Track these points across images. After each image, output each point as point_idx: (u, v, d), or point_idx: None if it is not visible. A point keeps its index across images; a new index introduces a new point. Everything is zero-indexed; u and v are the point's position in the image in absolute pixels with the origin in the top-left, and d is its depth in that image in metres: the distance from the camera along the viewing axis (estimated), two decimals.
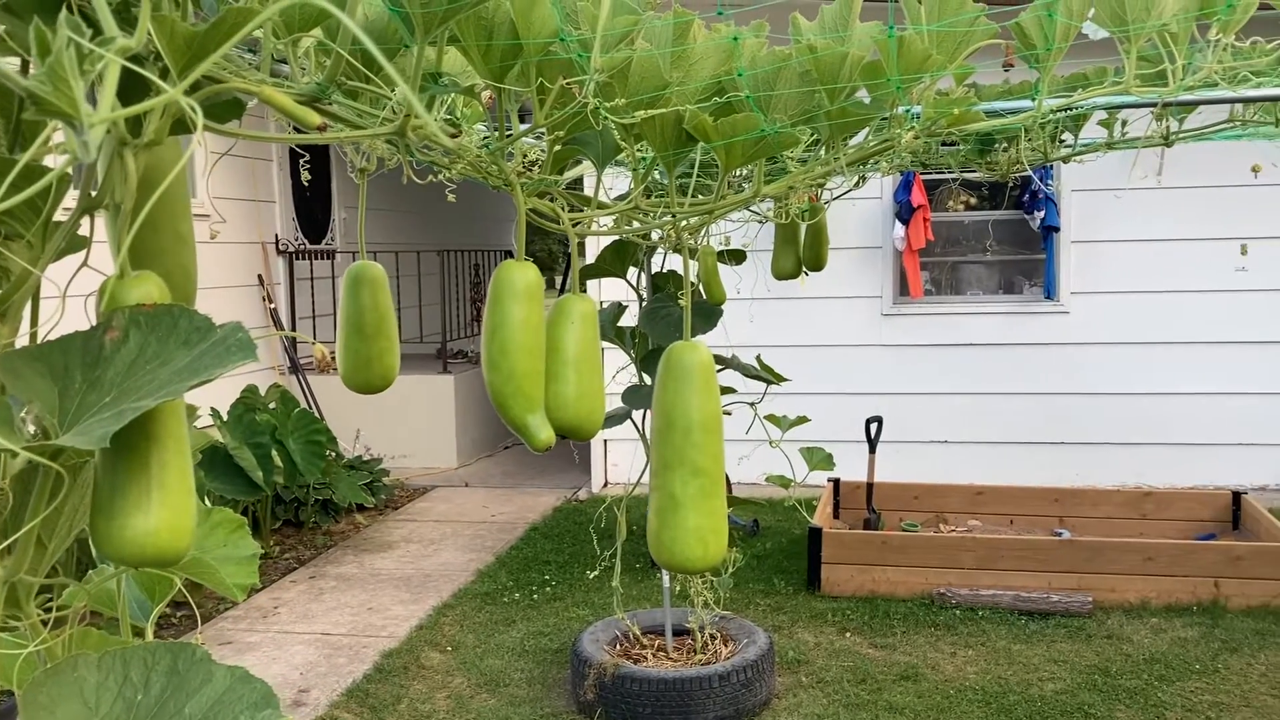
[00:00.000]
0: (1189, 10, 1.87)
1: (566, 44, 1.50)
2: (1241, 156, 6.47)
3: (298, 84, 1.42)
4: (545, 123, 1.53)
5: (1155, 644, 4.80)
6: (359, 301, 1.94)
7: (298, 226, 9.01)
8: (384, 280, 1.97)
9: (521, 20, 1.47)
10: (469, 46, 1.56)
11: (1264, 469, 7.45)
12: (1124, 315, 7.49)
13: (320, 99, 1.43)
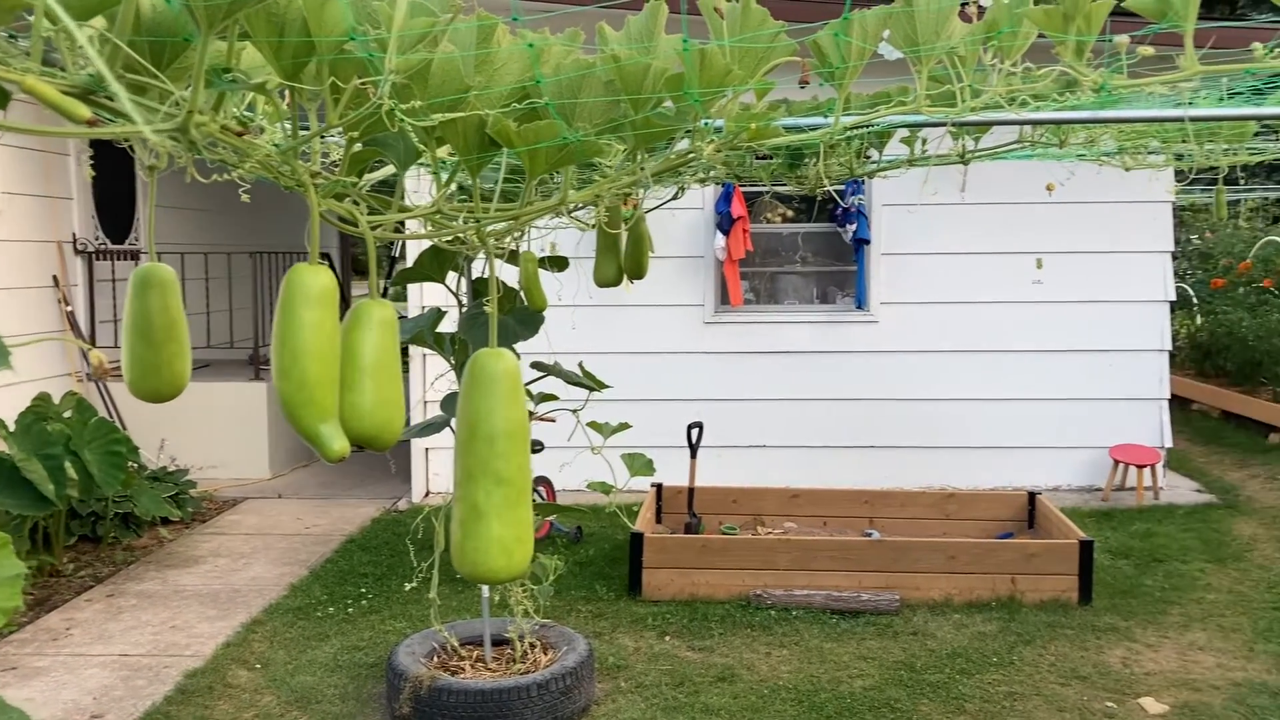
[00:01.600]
0: (975, 35, 1.96)
1: (361, 43, 1.46)
2: (1037, 175, 6.89)
3: (71, 75, 1.34)
4: (340, 123, 1.49)
5: (957, 639, 5.03)
6: (147, 306, 1.83)
7: (98, 225, 8.52)
8: (174, 283, 1.87)
9: (313, 18, 1.43)
10: (260, 42, 1.50)
11: (1058, 470, 7.92)
12: (930, 325, 7.84)
13: (94, 91, 1.35)
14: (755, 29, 1.82)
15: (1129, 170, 4.08)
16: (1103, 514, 7.17)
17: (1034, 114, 2.12)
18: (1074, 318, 7.80)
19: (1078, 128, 3.54)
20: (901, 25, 1.91)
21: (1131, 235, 7.77)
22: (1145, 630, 5.15)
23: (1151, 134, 3.81)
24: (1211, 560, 6.21)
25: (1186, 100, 3.32)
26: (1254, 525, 6.92)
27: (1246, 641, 5.00)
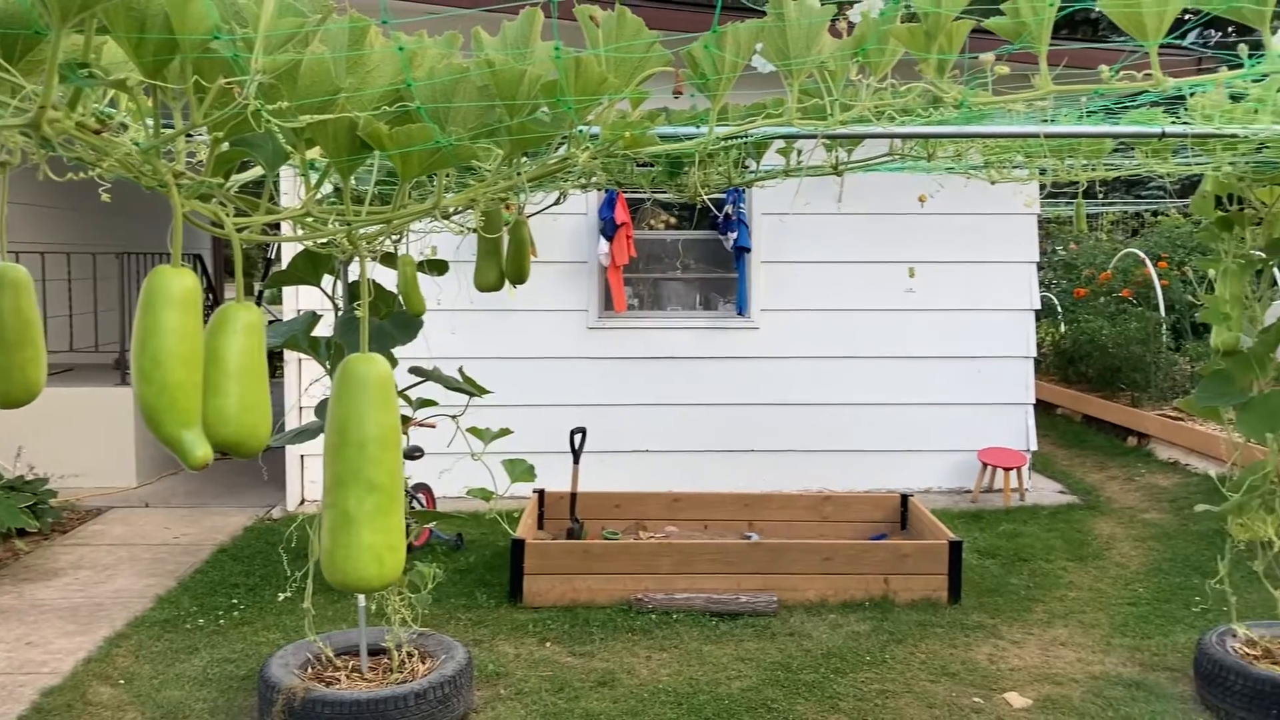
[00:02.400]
0: (844, 51, 2.02)
1: (226, 42, 1.42)
2: (911, 187, 7.11)
3: None
4: (204, 122, 1.45)
5: (832, 639, 5.14)
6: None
7: None
8: (28, 284, 1.80)
9: (176, 14, 1.39)
10: (120, 38, 1.45)
11: (930, 473, 8.16)
12: (808, 331, 8.00)
13: None
14: (630, 39, 1.84)
15: (995, 184, 4.24)
16: (972, 515, 7.41)
17: (900, 128, 2.19)
18: (945, 325, 8.05)
19: (945, 142, 3.67)
20: (774, 39, 1.96)
21: (999, 246, 8.06)
22: (1011, 627, 5.34)
23: (1015, 149, 3.97)
24: (1073, 559, 6.48)
25: (1048, 118, 3.46)
26: (1112, 525, 7.24)
27: (1104, 636, 5.22)
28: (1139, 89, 1.75)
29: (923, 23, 1.78)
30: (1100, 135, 2.97)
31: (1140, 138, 3.02)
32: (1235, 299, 4.42)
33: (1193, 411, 4.50)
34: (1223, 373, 4.31)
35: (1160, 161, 4.05)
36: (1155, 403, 9.73)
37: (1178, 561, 6.36)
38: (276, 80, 1.54)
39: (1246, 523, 4.40)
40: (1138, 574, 6.18)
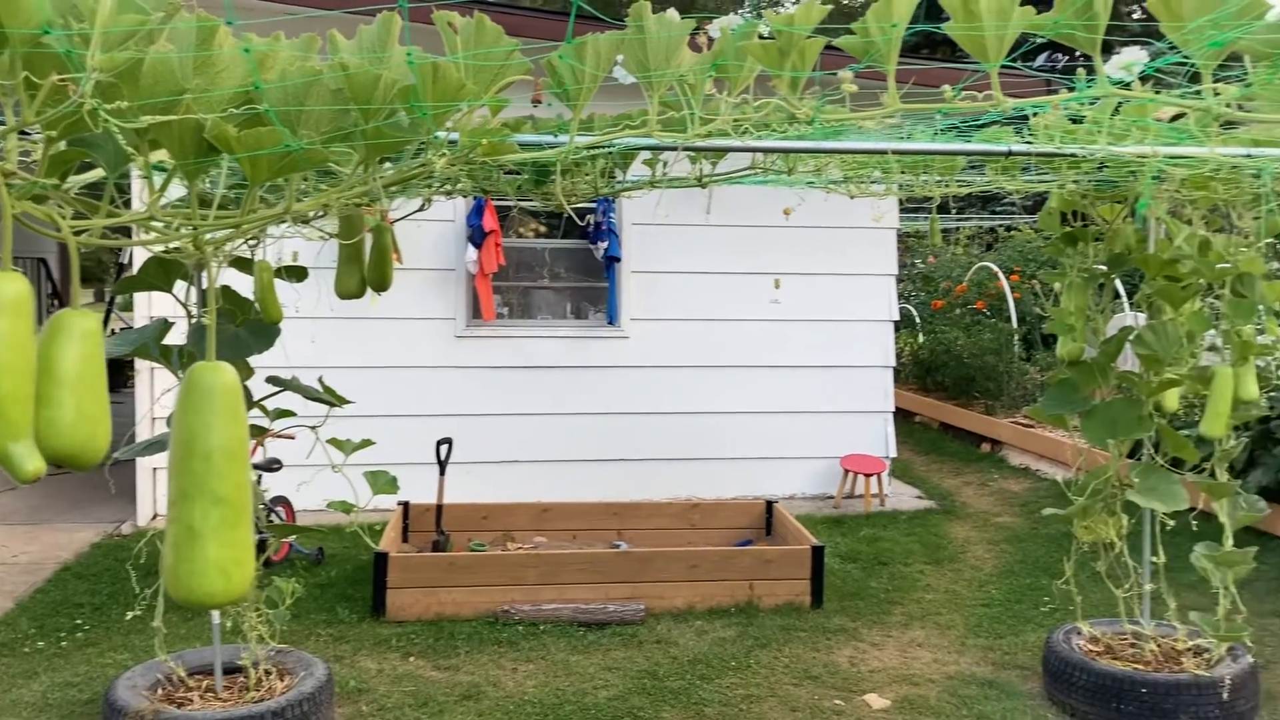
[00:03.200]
0: (703, 64, 2.05)
1: (60, 37, 1.36)
2: (777, 200, 7.24)
3: None
4: (35, 120, 1.39)
5: (698, 645, 5.19)
6: None
7: None
8: None
9: (5, 7, 1.32)
10: None
11: (794, 479, 8.32)
12: (677, 341, 8.08)
13: None
14: (489, 46, 1.83)
15: (854, 198, 4.36)
16: (834, 520, 7.59)
17: (757, 142, 2.24)
18: (809, 335, 8.24)
19: (806, 157, 3.75)
20: (634, 51, 1.97)
21: (860, 259, 8.29)
22: (871, 630, 5.47)
23: (873, 165, 4.08)
24: (930, 562, 6.69)
25: (903, 135, 3.57)
26: (967, 528, 7.50)
27: (959, 637, 5.40)
28: (981, 109, 1.83)
29: (775, 40, 1.82)
30: (948, 153, 3.08)
31: (988, 155, 3.14)
32: (1079, 311, 4.63)
33: (1040, 419, 4.69)
34: (1068, 381, 4.51)
35: (1009, 179, 4.23)
36: (1007, 411, 10.14)
37: (1028, 563, 6.62)
38: (117, 79, 1.48)
39: (1090, 525, 4.60)
40: (991, 576, 6.41)
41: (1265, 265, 4.55)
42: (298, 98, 1.67)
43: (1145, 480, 4.26)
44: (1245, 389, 4.23)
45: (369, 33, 1.85)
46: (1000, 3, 1.66)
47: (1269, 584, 5.84)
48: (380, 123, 1.75)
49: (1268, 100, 1.99)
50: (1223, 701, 4.18)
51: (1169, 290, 4.27)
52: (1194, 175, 3.93)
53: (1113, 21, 1.79)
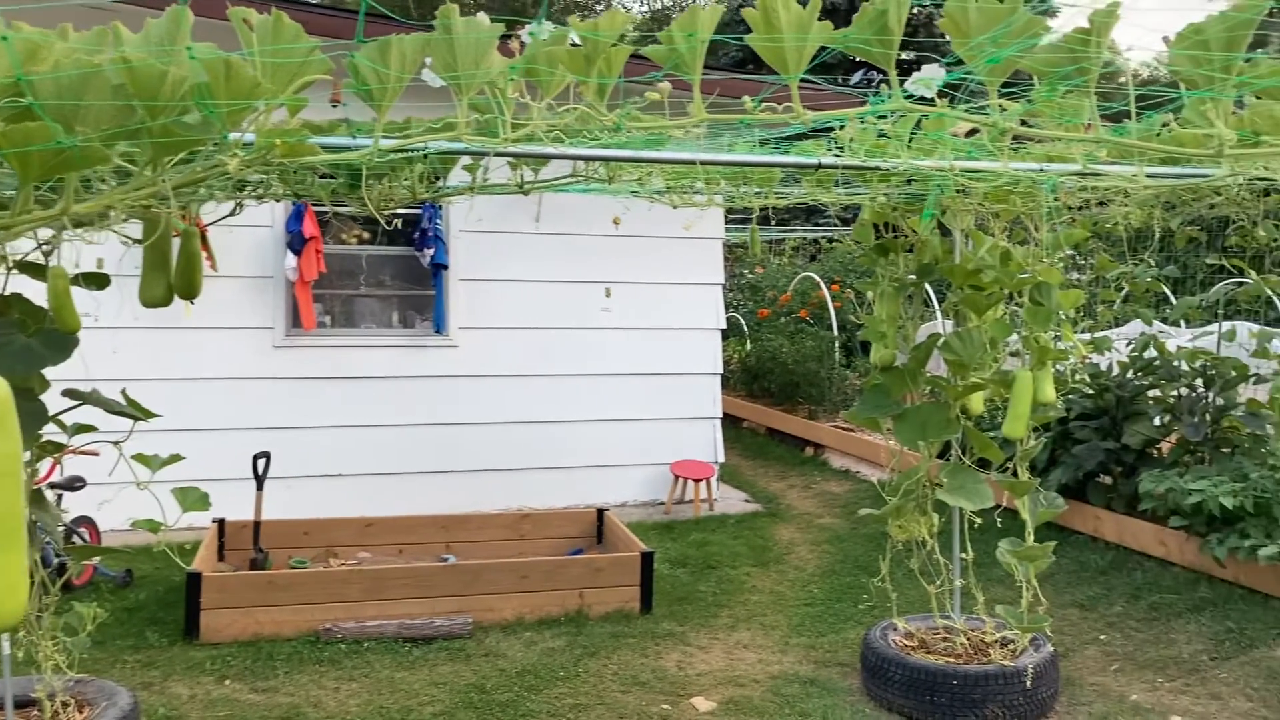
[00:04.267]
0: (514, 68, 2.02)
1: None
2: (608, 209, 7.28)
3: None
4: None
5: (527, 657, 5.14)
6: None
7: None
8: None
9: None
10: None
11: (626, 487, 8.37)
12: (508, 350, 8.02)
13: None
14: (288, 44, 1.76)
15: (677, 208, 4.41)
16: (665, 526, 7.66)
17: (567, 148, 2.23)
18: (639, 343, 8.31)
19: (629, 166, 3.77)
20: (441, 53, 1.93)
21: (688, 268, 8.41)
22: (699, 633, 5.54)
23: (694, 175, 4.14)
24: (757, 564, 6.82)
25: (723, 145, 3.63)
26: (792, 530, 7.69)
27: (783, 636, 5.52)
28: (781, 120, 1.87)
29: (582, 47, 1.82)
30: (758, 164, 3.15)
31: (800, 167, 3.23)
32: (891, 319, 4.80)
33: (856, 422, 4.85)
34: (881, 387, 4.68)
35: (825, 191, 4.36)
36: (829, 415, 10.46)
37: (848, 562, 6.83)
38: None
39: (904, 524, 4.78)
40: (814, 576, 6.59)
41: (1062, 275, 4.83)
42: (74, 92, 1.56)
43: (953, 480, 4.45)
44: (1043, 392, 4.47)
45: (158, 26, 1.75)
46: (800, 17, 1.70)
47: (1068, 576, 6.19)
48: (169, 120, 1.66)
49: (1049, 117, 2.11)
50: (1026, 690, 4.40)
51: (973, 299, 4.47)
52: (994, 190, 4.14)
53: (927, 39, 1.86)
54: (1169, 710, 4.52)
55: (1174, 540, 5.94)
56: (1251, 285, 6.46)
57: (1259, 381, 6.31)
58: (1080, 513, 6.69)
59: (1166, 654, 5.09)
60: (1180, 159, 2.84)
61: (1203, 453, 6.30)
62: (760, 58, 1.86)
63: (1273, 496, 5.41)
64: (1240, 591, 5.46)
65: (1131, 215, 6.61)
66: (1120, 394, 6.81)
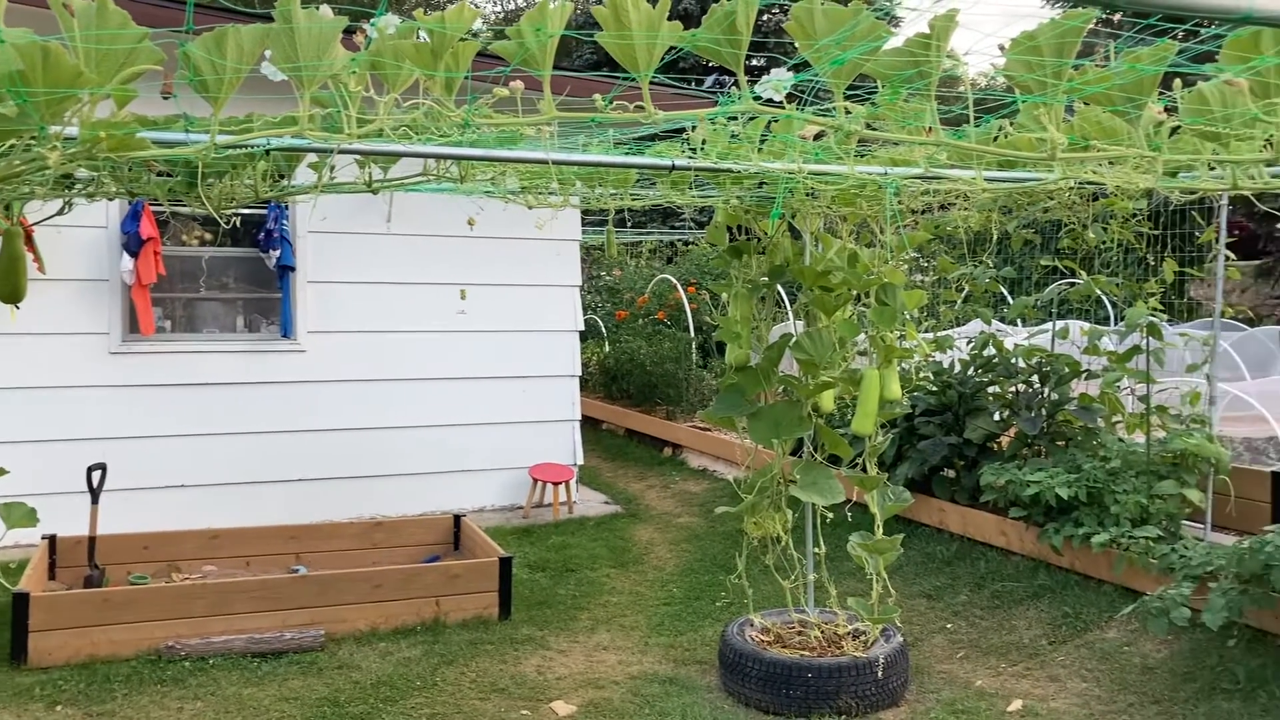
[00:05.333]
0: (358, 60, 1.96)
1: None
2: (463, 209, 7.18)
3: None
4: None
5: (382, 667, 5.02)
6: None
7: None
8: None
9: None
10: None
11: (484, 492, 8.27)
12: (360, 354, 7.83)
13: None
14: (114, 30, 1.66)
15: (532, 208, 4.37)
16: (524, 530, 7.60)
17: (417, 146, 2.18)
18: (495, 346, 8.23)
19: (482, 165, 3.72)
20: (282, 45, 1.86)
21: (546, 270, 8.37)
22: (558, 637, 5.51)
23: (549, 176, 4.11)
24: (616, 565, 6.83)
25: (578, 146, 3.61)
26: (651, 530, 7.73)
27: (642, 637, 5.54)
28: (632, 119, 1.86)
29: (429, 41, 1.78)
30: (611, 165, 3.15)
31: (653, 169, 3.24)
32: (745, 320, 4.87)
33: (712, 422, 4.90)
34: (735, 386, 4.74)
35: (679, 193, 4.38)
36: (687, 416, 10.57)
37: (707, 560, 6.91)
38: None
39: (759, 521, 4.85)
40: (673, 575, 6.64)
41: (906, 277, 4.98)
42: None
43: (806, 476, 4.55)
44: (890, 389, 4.61)
45: None
46: (649, 16, 1.69)
47: (917, 567, 6.40)
48: None
49: (893, 121, 2.16)
50: (878, 680, 4.52)
51: (823, 299, 4.58)
52: (842, 193, 4.25)
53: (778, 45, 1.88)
54: (1011, 694, 4.71)
55: (1014, 530, 6.19)
56: (1082, 285, 6.79)
57: (1090, 377, 6.64)
58: (926, 506, 6.92)
59: (1008, 640, 5.31)
60: (1016, 163, 2.96)
61: (1039, 446, 6.60)
62: (614, 61, 1.86)
63: (1104, 486, 5.70)
64: (1076, 578, 5.74)
65: (971, 219, 6.88)
66: (962, 390, 7.08)
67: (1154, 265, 6.70)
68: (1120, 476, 5.74)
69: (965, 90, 2.03)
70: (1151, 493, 5.65)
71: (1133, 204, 6.30)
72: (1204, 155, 2.00)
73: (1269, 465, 6.48)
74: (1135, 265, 7.47)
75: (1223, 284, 6.08)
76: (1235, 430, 6.94)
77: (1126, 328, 6.12)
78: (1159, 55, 1.74)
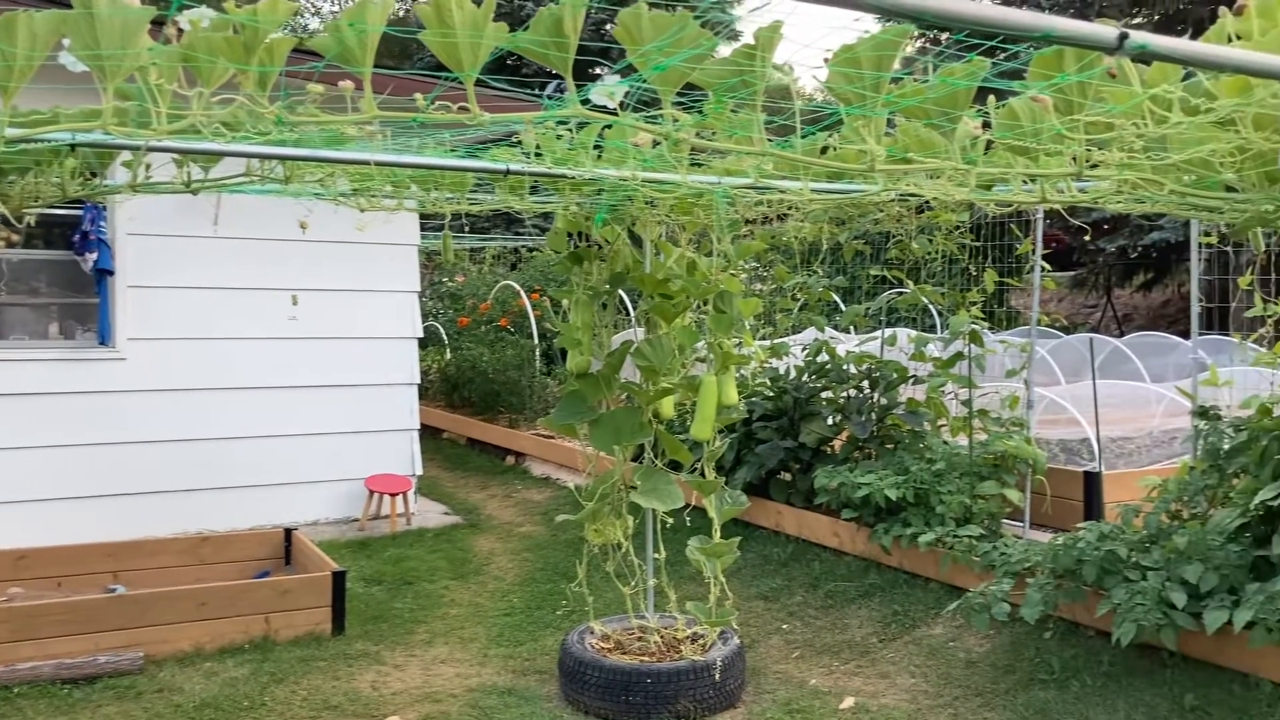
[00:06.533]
0: (156, 49, 1.86)
1: None
2: (294, 212, 6.94)
3: None
4: None
5: (207, 689, 4.81)
6: None
7: None
8: None
9: None
10: None
11: (318, 504, 8.02)
12: (184, 362, 7.49)
13: None
14: None
15: (364, 211, 4.26)
16: (360, 543, 7.41)
17: (235, 145, 2.08)
18: (330, 354, 7.99)
19: (311, 166, 3.60)
20: (81, 33, 1.75)
21: (382, 275, 8.18)
22: (394, 652, 5.38)
23: (383, 178, 4.01)
24: (455, 577, 6.72)
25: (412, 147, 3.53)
26: (492, 540, 7.64)
27: (481, 649, 5.46)
28: (456, 120, 1.82)
29: (241, 34, 1.70)
30: (442, 167, 3.09)
31: (487, 172, 3.19)
32: (586, 326, 4.86)
33: (553, 429, 4.87)
34: (577, 393, 4.73)
35: (518, 199, 4.34)
36: (530, 424, 10.50)
37: (548, 569, 6.86)
38: None
39: (600, 528, 4.85)
40: (513, 585, 6.57)
41: (743, 285, 5.07)
42: None
43: (646, 482, 4.57)
44: (727, 395, 4.67)
45: None
46: (474, 16, 1.66)
47: (754, 570, 6.51)
48: None
49: (722, 130, 2.18)
50: (716, 682, 4.57)
51: (662, 307, 4.61)
52: (680, 202, 4.29)
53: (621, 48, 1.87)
54: (844, 691, 4.84)
55: (846, 531, 6.37)
56: (910, 294, 7.05)
57: (917, 382, 6.89)
58: (764, 509, 7.05)
59: (841, 639, 5.45)
60: (843, 175, 3.03)
61: (870, 449, 6.81)
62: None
63: (930, 488, 5.92)
64: (904, 576, 5.94)
65: (805, 230, 7.06)
66: (797, 396, 7.25)
67: (976, 275, 7.00)
68: (945, 478, 5.98)
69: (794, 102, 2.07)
70: (974, 493, 5.90)
71: (956, 217, 6.58)
72: (1015, 169, 2.09)
73: (1082, 465, 6.85)
74: (959, 275, 7.80)
75: (1039, 294, 6.41)
76: (1051, 432, 7.31)
77: (950, 335, 6.38)
78: (972, 71, 1.80)
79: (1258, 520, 4.57)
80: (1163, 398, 7.94)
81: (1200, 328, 6.10)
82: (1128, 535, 4.85)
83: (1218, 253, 6.44)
